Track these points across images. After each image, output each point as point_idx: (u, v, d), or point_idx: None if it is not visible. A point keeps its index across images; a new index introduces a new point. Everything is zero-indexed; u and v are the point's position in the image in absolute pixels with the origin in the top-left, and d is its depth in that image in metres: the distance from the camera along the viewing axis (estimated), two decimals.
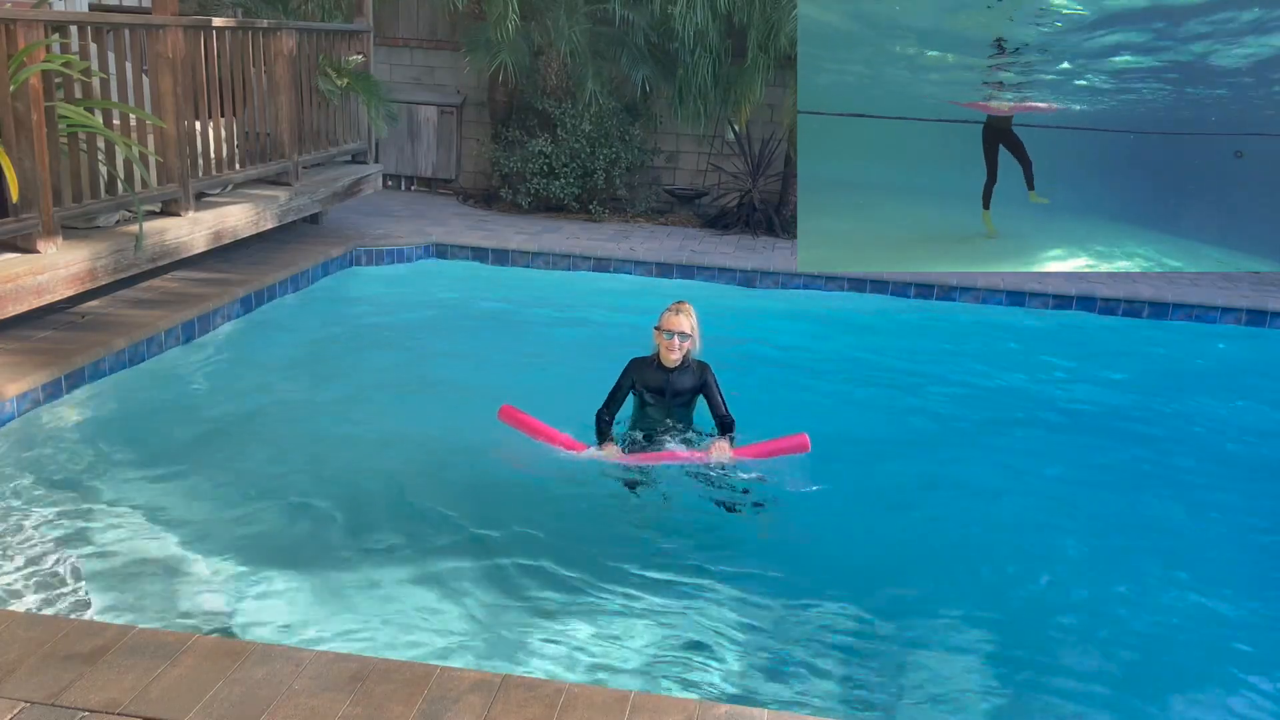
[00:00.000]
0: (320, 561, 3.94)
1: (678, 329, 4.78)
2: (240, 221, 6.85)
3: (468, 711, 2.68)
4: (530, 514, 4.47)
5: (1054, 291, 8.16)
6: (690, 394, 4.94)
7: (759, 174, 10.10)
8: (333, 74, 8.17)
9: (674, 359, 4.82)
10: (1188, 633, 3.95)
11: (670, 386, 4.89)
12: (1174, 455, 5.67)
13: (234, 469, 4.64)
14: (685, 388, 4.91)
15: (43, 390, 4.86)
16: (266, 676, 2.78)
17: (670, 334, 4.78)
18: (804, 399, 6.00)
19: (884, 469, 5.15)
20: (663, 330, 4.82)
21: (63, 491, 4.27)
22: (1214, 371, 7.27)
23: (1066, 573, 4.34)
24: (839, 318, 7.85)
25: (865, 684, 3.49)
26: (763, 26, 9.25)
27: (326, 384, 5.78)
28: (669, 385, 4.89)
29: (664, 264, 8.50)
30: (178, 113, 6.23)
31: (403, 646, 3.46)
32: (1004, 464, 5.39)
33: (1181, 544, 4.66)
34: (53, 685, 2.71)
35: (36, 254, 5.17)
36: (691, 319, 4.83)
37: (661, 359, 4.86)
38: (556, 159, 9.78)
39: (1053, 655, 3.72)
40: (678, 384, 4.89)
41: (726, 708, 2.81)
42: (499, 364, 6.30)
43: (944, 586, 4.10)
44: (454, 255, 8.57)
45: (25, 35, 4.97)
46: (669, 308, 4.88)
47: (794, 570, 4.10)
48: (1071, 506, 4.95)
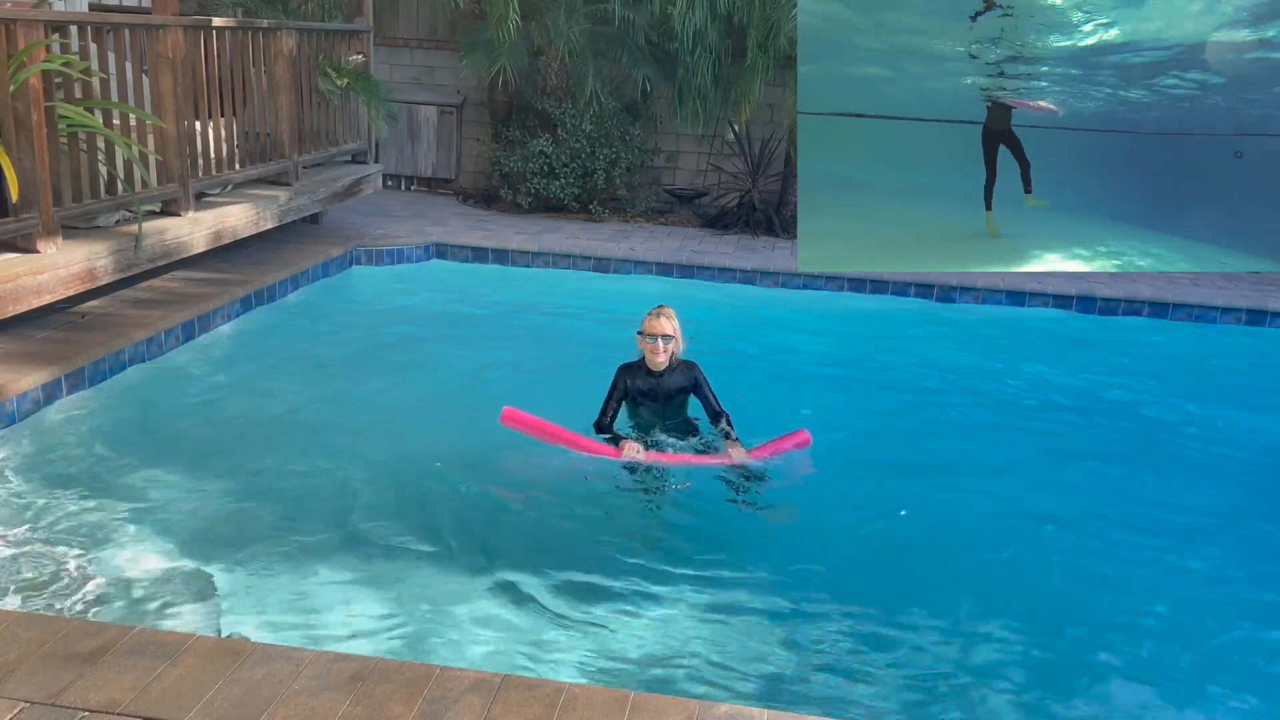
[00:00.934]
0: (320, 561, 3.94)
1: (660, 332, 4.79)
2: (240, 221, 6.85)
3: (468, 711, 2.68)
4: (530, 514, 4.47)
5: (1054, 291, 8.17)
6: (681, 394, 4.97)
7: (759, 174, 10.11)
8: (333, 74, 8.17)
9: (660, 361, 4.84)
10: (1188, 633, 3.95)
11: (661, 389, 4.91)
12: (1174, 455, 5.67)
13: (234, 468, 4.64)
14: (675, 388, 4.94)
15: (42, 390, 4.86)
16: (266, 676, 2.78)
17: (653, 338, 4.80)
18: (804, 399, 6.00)
19: (884, 469, 5.15)
20: (645, 335, 4.83)
21: (63, 491, 4.27)
22: (1214, 371, 7.26)
23: (1066, 572, 4.34)
24: (839, 318, 7.85)
25: (866, 684, 3.49)
26: (762, 26, 9.24)
27: (326, 384, 5.78)
28: (660, 388, 4.91)
29: (664, 264, 8.50)
30: (178, 113, 6.23)
31: (403, 647, 3.46)
32: (1004, 464, 5.39)
33: (1181, 543, 4.65)
34: (53, 685, 2.71)
35: (36, 254, 5.17)
36: (673, 321, 4.85)
37: (648, 363, 4.88)
38: (556, 159, 9.78)
39: (1054, 656, 3.72)
40: (668, 386, 4.92)
41: (726, 708, 2.81)
42: (499, 364, 6.30)
43: (944, 586, 4.10)
44: (454, 255, 8.57)
45: (25, 35, 4.97)
46: (650, 312, 4.89)
47: (794, 570, 4.10)
48: (1071, 505, 4.95)
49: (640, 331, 4.86)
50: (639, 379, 4.91)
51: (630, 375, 4.92)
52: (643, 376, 4.91)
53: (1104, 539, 4.65)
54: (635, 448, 4.59)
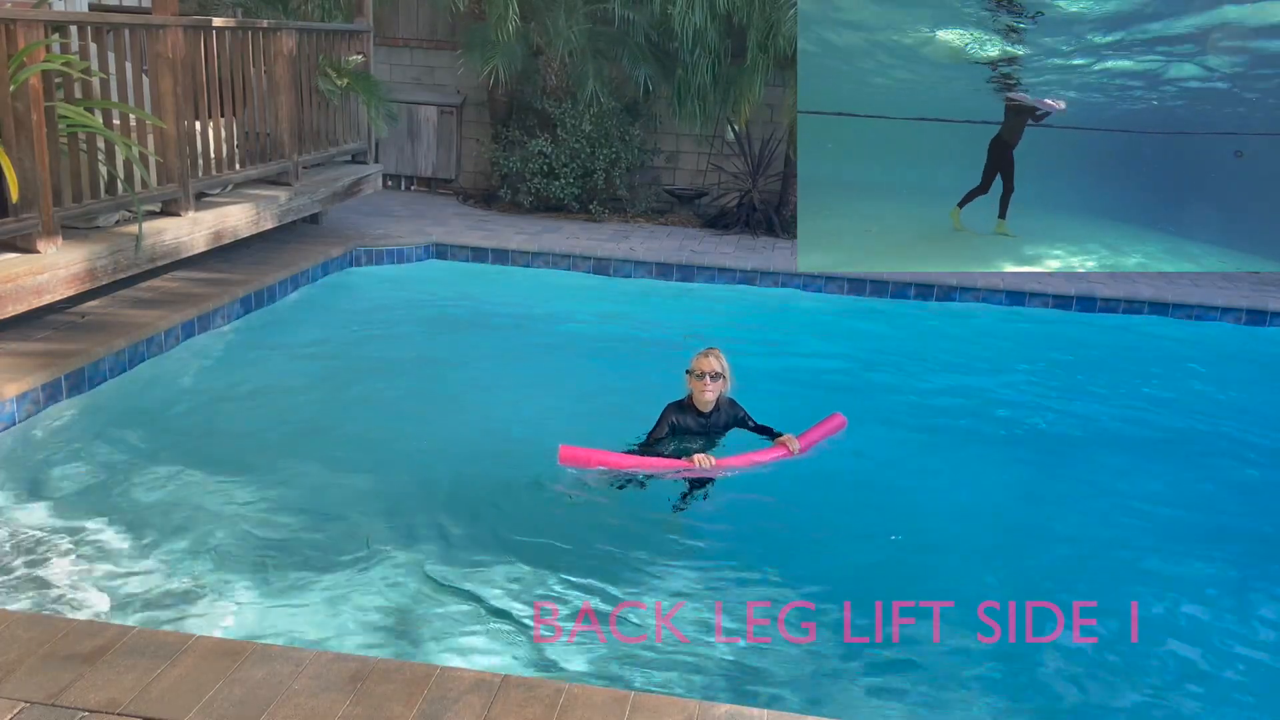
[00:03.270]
0: (320, 561, 3.94)
1: (710, 370, 4.72)
2: (240, 221, 6.85)
3: (468, 711, 2.68)
4: (530, 514, 4.47)
5: (1054, 291, 8.16)
6: (727, 429, 4.92)
7: (759, 174, 10.10)
8: (333, 74, 8.17)
9: (709, 399, 4.77)
10: (1191, 631, 3.95)
11: (709, 429, 4.86)
12: (1174, 454, 5.67)
13: (234, 469, 4.63)
14: (722, 425, 4.89)
15: (42, 390, 4.86)
16: (266, 676, 2.78)
17: (703, 375, 4.73)
18: (804, 399, 5.99)
19: (885, 469, 5.15)
20: (695, 373, 4.77)
21: (63, 491, 4.27)
22: (1214, 371, 7.26)
23: (1066, 571, 4.34)
24: (839, 318, 7.85)
25: (866, 684, 3.49)
26: (762, 26, 9.24)
27: (326, 384, 5.78)
28: (707, 428, 4.85)
29: (664, 264, 8.50)
30: (178, 113, 6.23)
31: (402, 647, 3.46)
32: (1005, 463, 5.39)
33: (1183, 542, 4.65)
34: (53, 685, 2.71)
35: (36, 254, 5.17)
36: (723, 360, 4.78)
37: (696, 402, 4.81)
38: (556, 159, 9.78)
39: (1053, 654, 3.72)
40: (715, 424, 4.87)
41: (726, 708, 2.81)
42: (499, 363, 6.30)
43: (945, 587, 4.09)
44: (454, 255, 8.57)
45: (25, 35, 4.97)
46: (699, 352, 4.82)
47: (795, 571, 4.10)
48: (1071, 504, 4.96)
49: (689, 370, 4.79)
50: (687, 419, 4.83)
51: (678, 414, 4.83)
52: (690, 417, 4.84)
53: (1103, 537, 4.65)
54: (708, 459, 4.51)
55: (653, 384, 5.43)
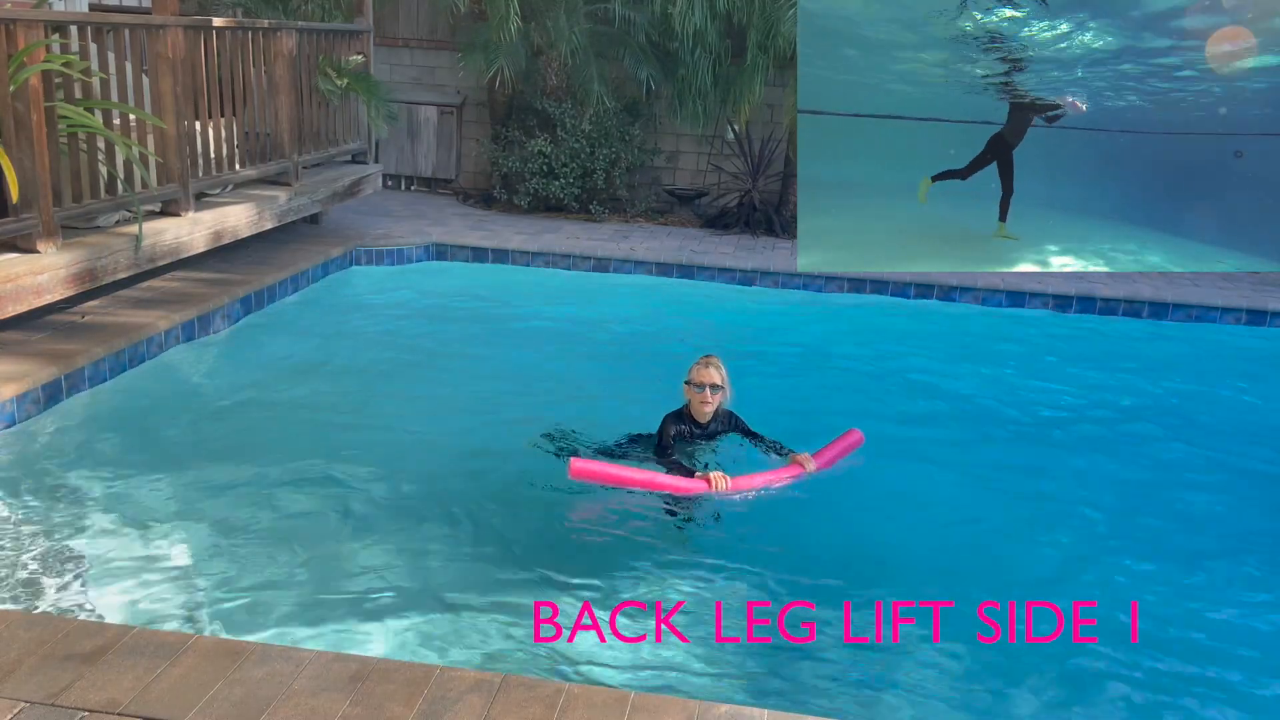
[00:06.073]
0: (320, 561, 3.94)
1: (709, 381, 4.63)
2: (240, 221, 6.85)
3: (468, 711, 2.68)
4: (531, 515, 4.47)
5: (1054, 291, 8.17)
6: (724, 437, 4.86)
7: (759, 174, 10.10)
8: (333, 74, 8.17)
9: (707, 411, 4.69)
10: (1191, 633, 3.95)
11: (706, 439, 4.79)
12: (1174, 454, 5.67)
13: (234, 469, 4.63)
14: (719, 433, 4.82)
15: (42, 391, 4.86)
16: (266, 676, 2.78)
17: (701, 386, 4.64)
18: (804, 399, 6.00)
19: (885, 469, 5.13)
20: (693, 384, 4.67)
21: (63, 491, 4.26)
22: (1214, 371, 7.26)
23: (1066, 571, 4.34)
24: (839, 318, 7.85)
25: (866, 684, 3.49)
26: (762, 26, 9.24)
27: (326, 384, 5.78)
28: (704, 439, 4.78)
29: (664, 264, 8.50)
30: (178, 113, 6.23)
31: (402, 647, 3.46)
32: (1005, 463, 5.39)
33: (1182, 541, 4.65)
34: (53, 685, 2.71)
35: (36, 254, 5.17)
36: (722, 370, 4.68)
37: (694, 413, 4.73)
38: (556, 159, 9.78)
39: (1054, 655, 3.72)
40: (711, 436, 4.79)
41: (726, 708, 2.81)
42: (499, 364, 6.30)
43: (946, 587, 4.09)
44: (454, 255, 8.57)
45: (25, 35, 4.97)
46: (697, 361, 4.72)
47: (795, 571, 4.10)
48: (1070, 504, 4.95)
49: (688, 381, 4.69)
50: (684, 429, 4.74)
51: (676, 424, 4.73)
52: (688, 427, 4.74)
53: (1102, 536, 4.65)
54: (724, 480, 4.37)
55: (653, 384, 5.44)
